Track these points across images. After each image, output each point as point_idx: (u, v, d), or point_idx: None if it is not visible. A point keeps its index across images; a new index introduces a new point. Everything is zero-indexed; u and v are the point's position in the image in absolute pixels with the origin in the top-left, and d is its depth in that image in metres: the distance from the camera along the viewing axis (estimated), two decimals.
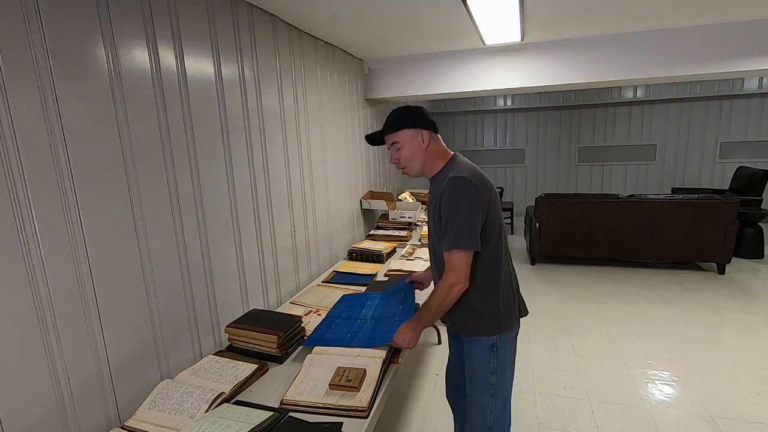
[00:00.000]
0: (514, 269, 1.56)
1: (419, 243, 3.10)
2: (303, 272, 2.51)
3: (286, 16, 2.22)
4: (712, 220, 4.23)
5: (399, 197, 4.22)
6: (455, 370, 1.75)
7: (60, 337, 1.13)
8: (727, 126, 6.44)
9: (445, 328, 1.97)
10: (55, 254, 1.12)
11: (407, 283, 1.91)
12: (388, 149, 1.51)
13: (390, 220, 3.56)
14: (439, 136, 1.51)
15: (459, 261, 1.35)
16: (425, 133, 1.44)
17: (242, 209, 1.93)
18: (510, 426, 1.57)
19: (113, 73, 1.28)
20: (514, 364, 1.55)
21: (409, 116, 1.44)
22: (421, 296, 1.88)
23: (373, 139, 1.54)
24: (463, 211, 1.33)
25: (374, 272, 2.54)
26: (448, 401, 1.86)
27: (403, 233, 3.33)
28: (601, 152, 7.05)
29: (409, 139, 1.43)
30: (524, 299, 1.61)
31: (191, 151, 1.61)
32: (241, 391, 1.39)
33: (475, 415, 1.52)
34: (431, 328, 3.29)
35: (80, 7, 1.18)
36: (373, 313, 1.84)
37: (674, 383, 2.57)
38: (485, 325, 1.45)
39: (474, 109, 7.34)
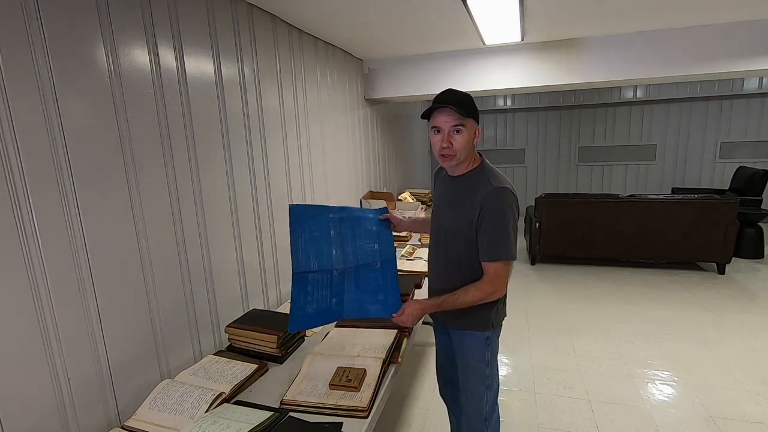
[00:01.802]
0: None
1: (419, 243, 3.10)
2: None
3: (286, 16, 2.22)
4: (712, 220, 4.22)
5: (399, 197, 4.22)
6: (446, 363, 1.74)
7: (60, 337, 1.13)
8: (727, 126, 6.44)
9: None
10: (55, 254, 1.12)
11: (381, 219, 1.59)
12: (434, 128, 1.38)
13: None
14: None
15: (504, 271, 1.38)
16: (479, 130, 1.44)
17: (242, 209, 1.93)
18: (499, 416, 1.67)
19: (113, 73, 1.28)
20: (497, 355, 1.61)
21: (475, 107, 1.39)
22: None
23: (431, 112, 1.37)
24: (510, 223, 1.36)
25: None
26: (443, 399, 1.87)
27: (403, 233, 3.33)
28: (601, 152, 7.05)
29: (471, 127, 1.39)
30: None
31: (191, 151, 1.61)
32: (241, 391, 1.39)
33: (472, 406, 1.57)
34: (429, 327, 3.29)
35: (80, 7, 1.18)
36: (346, 257, 1.49)
37: (674, 383, 2.57)
38: (481, 321, 1.49)
39: None
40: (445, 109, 1.34)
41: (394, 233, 1.65)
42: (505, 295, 1.55)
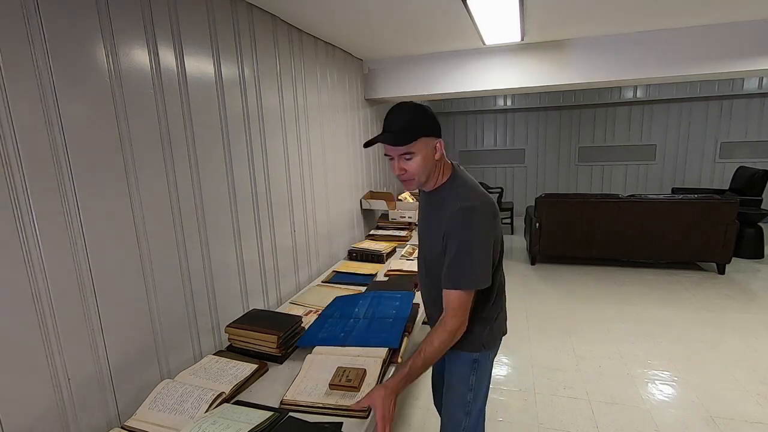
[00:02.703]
0: (504, 285, 1.47)
1: None
2: (303, 272, 2.51)
3: (286, 16, 2.22)
4: (712, 220, 4.22)
5: (399, 197, 4.22)
6: (438, 373, 1.67)
7: (60, 337, 1.13)
8: (727, 126, 6.44)
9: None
10: (55, 254, 1.12)
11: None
12: (386, 156, 1.28)
13: (390, 220, 3.56)
14: None
15: (464, 302, 1.23)
16: (439, 143, 1.26)
17: (242, 209, 1.93)
18: None
19: (113, 73, 1.28)
20: (490, 381, 1.48)
21: (426, 122, 1.23)
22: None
23: (373, 143, 1.26)
24: (476, 248, 1.21)
25: (374, 272, 2.54)
26: (436, 408, 1.79)
27: (403, 233, 3.33)
28: (601, 152, 7.05)
29: (422, 148, 1.22)
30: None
31: (191, 151, 1.61)
32: (241, 391, 1.39)
33: (448, 430, 1.46)
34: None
35: (80, 7, 1.18)
36: (366, 312, 1.86)
37: (674, 383, 2.57)
38: (470, 341, 1.36)
39: (474, 109, 7.34)
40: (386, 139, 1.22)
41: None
42: (505, 311, 1.46)
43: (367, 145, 1.26)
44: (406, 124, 1.22)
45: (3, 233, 1.01)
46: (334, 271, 2.63)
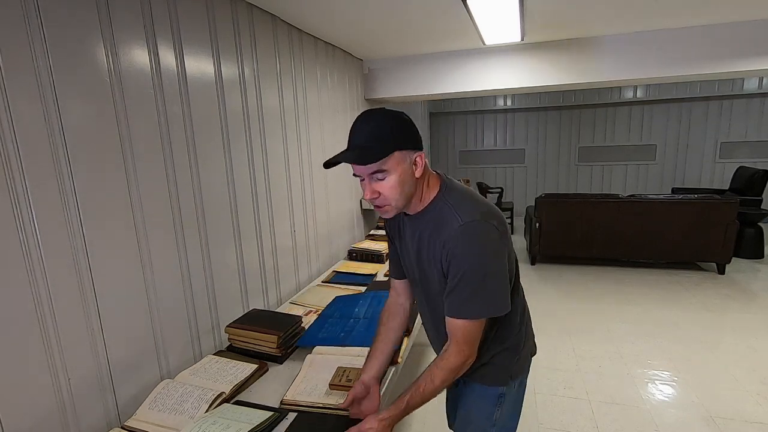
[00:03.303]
0: (526, 302, 1.30)
1: None
2: (303, 272, 2.51)
3: (286, 16, 2.22)
4: (712, 220, 4.22)
5: None
6: (454, 398, 1.43)
7: (60, 337, 1.13)
8: (727, 126, 6.44)
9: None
10: (55, 254, 1.12)
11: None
12: (356, 176, 1.04)
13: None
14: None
15: (471, 333, 1.03)
16: (419, 156, 1.02)
17: (242, 209, 1.93)
18: None
19: (113, 73, 1.28)
20: (521, 407, 1.29)
21: (399, 133, 0.99)
22: None
23: (335, 163, 1.01)
24: (486, 269, 1.00)
25: (374, 272, 2.54)
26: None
27: None
28: (601, 152, 7.05)
29: (396, 165, 0.98)
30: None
31: (191, 151, 1.61)
32: (241, 391, 1.39)
33: None
34: None
35: (80, 7, 1.18)
36: (366, 312, 1.85)
37: (674, 383, 2.57)
38: (495, 375, 1.18)
39: (474, 109, 7.34)
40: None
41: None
42: (531, 329, 1.28)
43: (327, 165, 1.02)
44: (373, 136, 0.98)
45: (3, 233, 1.01)
46: (334, 271, 2.63)
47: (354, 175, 1.04)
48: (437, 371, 1.05)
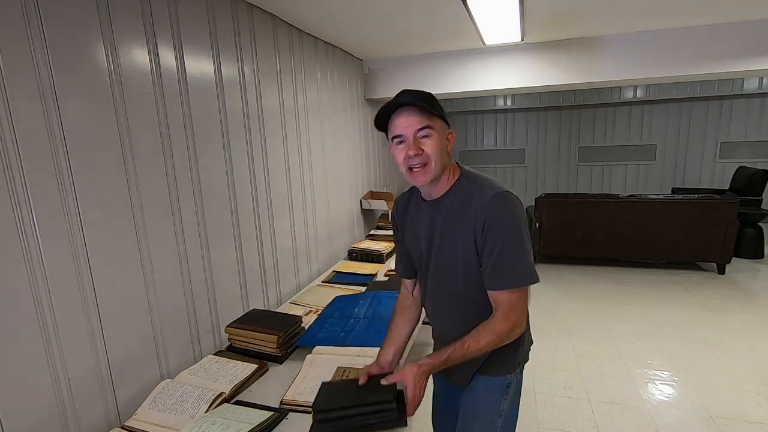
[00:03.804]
0: None
1: None
2: (303, 272, 2.51)
3: (286, 16, 2.22)
4: (712, 220, 4.22)
5: None
6: (445, 406, 1.42)
7: (60, 337, 1.13)
8: (727, 126, 6.44)
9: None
10: (55, 254, 1.12)
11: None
12: (394, 138, 1.06)
13: (390, 220, 3.56)
14: None
15: (518, 302, 1.07)
16: (451, 134, 1.10)
17: (242, 209, 1.93)
18: None
19: (113, 73, 1.28)
20: (521, 394, 1.29)
21: (440, 107, 1.08)
22: None
23: (386, 113, 1.06)
24: (525, 237, 1.04)
25: (374, 272, 2.54)
26: None
27: None
28: (601, 152, 7.05)
29: (442, 130, 1.07)
30: None
31: (191, 151, 1.61)
32: (241, 391, 1.39)
33: None
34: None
35: (80, 6, 1.18)
36: (366, 312, 1.86)
37: (674, 383, 2.57)
38: (501, 364, 1.18)
39: (474, 109, 7.34)
40: (405, 109, 1.03)
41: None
42: (528, 323, 1.25)
43: (381, 115, 1.06)
44: (425, 97, 1.04)
45: (3, 233, 1.01)
46: (334, 271, 2.63)
47: (393, 137, 1.07)
48: (484, 332, 1.06)
